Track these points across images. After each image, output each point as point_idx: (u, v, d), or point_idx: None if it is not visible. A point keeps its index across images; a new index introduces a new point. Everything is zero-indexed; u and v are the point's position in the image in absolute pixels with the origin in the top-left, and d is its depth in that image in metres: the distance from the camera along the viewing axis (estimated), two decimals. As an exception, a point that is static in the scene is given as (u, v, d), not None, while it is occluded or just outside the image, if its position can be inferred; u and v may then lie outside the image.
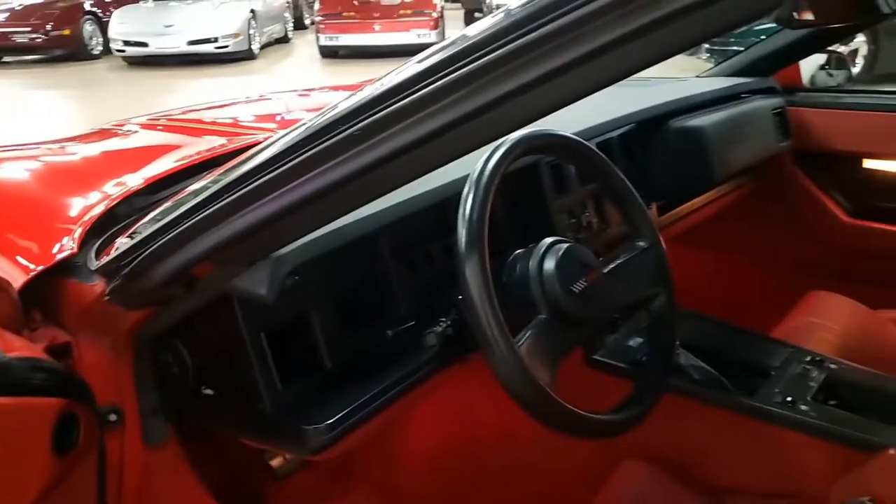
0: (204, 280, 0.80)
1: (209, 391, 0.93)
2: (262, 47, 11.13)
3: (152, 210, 0.85)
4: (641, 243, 1.06)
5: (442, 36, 10.80)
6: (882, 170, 1.82)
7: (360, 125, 0.62)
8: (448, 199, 1.08)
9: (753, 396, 1.17)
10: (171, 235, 0.75)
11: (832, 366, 1.23)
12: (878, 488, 1.05)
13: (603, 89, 0.57)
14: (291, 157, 0.66)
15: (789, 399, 1.14)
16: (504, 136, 0.76)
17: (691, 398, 1.21)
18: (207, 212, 0.71)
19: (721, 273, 2.07)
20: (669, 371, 1.05)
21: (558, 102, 0.58)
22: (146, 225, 0.81)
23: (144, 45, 9.93)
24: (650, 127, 1.47)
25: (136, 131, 1.54)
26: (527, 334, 0.84)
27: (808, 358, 1.26)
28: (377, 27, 10.64)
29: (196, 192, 0.77)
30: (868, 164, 1.83)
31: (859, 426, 1.09)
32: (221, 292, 0.82)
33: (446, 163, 0.66)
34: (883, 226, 1.82)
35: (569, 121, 1.18)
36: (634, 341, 1.33)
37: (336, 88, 2.12)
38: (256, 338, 0.86)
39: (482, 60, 0.56)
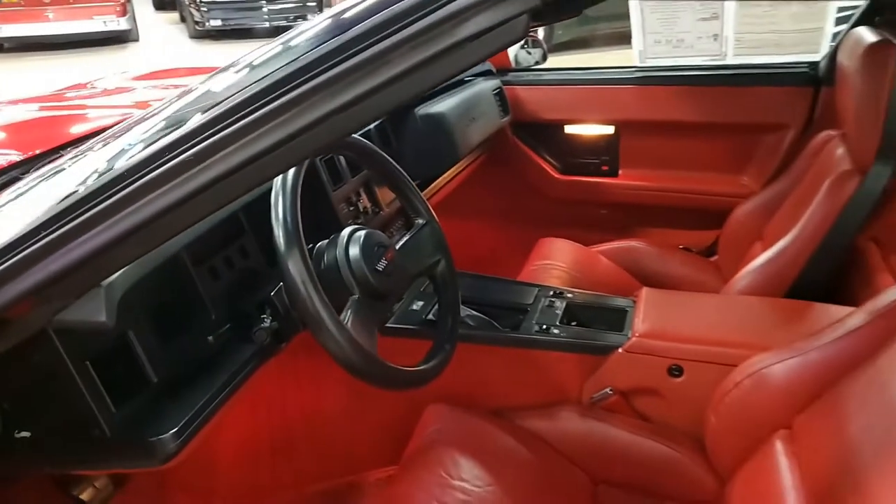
0: (21, 320, 0.78)
1: (25, 433, 0.90)
2: None
3: None
4: (420, 220, 1.23)
5: (132, 22, 9.73)
6: (578, 133, 2.25)
7: (193, 150, 0.67)
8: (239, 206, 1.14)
9: (517, 330, 1.43)
10: None
11: (569, 295, 1.55)
12: (615, 379, 1.38)
13: (401, 103, 0.70)
14: (126, 182, 0.68)
15: (544, 326, 1.43)
16: (322, 150, 0.84)
17: (470, 342, 1.43)
18: (37, 245, 0.70)
19: (470, 235, 2.37)
20: (459, 321, 1.24)
21: (373, 115, 0.70)
22: None
23: None
24: (399, 115, 1.65)
25: None
26: (348, 313, 0.96)
27: (551, 293, 1.56)
28: (50, 14, 9.13)
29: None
30: (568, 129, 2.25)
31: (595, 336, 1.40)
32: (40, 329, 0.80)
33: (269, 180, 0.74)
34: (584, 178, 2.26)
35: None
36: (417, 304, 1.52)
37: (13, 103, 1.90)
38: (82, 367, 0.86)
39: (313, 82, 0.65)
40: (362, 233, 1.06)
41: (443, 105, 1.69)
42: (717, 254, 2.04)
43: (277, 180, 0.95)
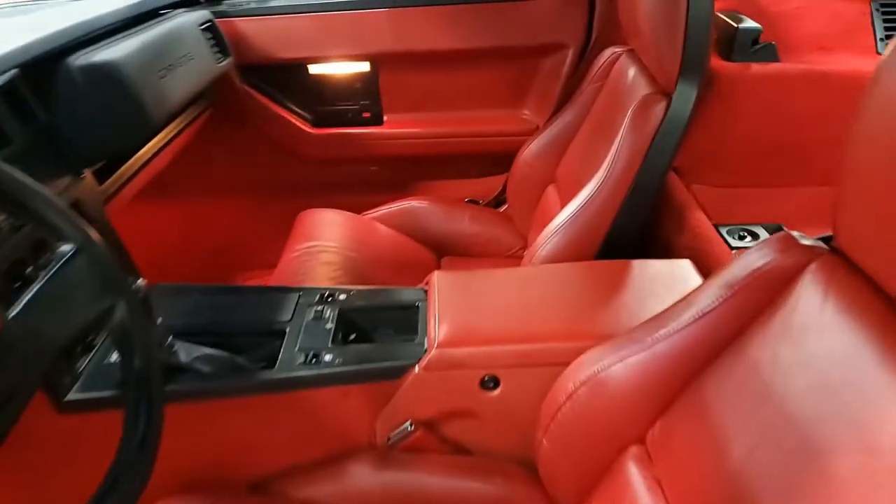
0: None
1: None
2: None
3: None
4: (66, 247, 0.73)
5: None
6: (327, 74, 1.80)
7: None
8: None
9: (276, 367, 1.01)
10: None
11: (341, 297, 1.15)
12: (415, 409, 1.02)
13: None
14: None
15: (313, 354, 1.02)
16: None
17: (209, 397, 0.98)
18: None
19: (205, 218, 1.85)
20: (160, 391, 0.78)
21: None
22: None
23: None
24: (43, 70, 1.07)
25: None
26: None
27: (317, 297, 1.15)
28: None
29: None
30: (313, 69, 1.78)
31: (382, 354, 1.03)
32: None
33: None
34: (343, 130, 1.83)
35: None
36: (117, 356, 1.02)
37: None
38: None
39: None
40: None
41: (114, 50, 1.13)
42: (507, 202, 1.76)
43: None
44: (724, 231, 1.30)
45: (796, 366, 0.70)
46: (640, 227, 1.24)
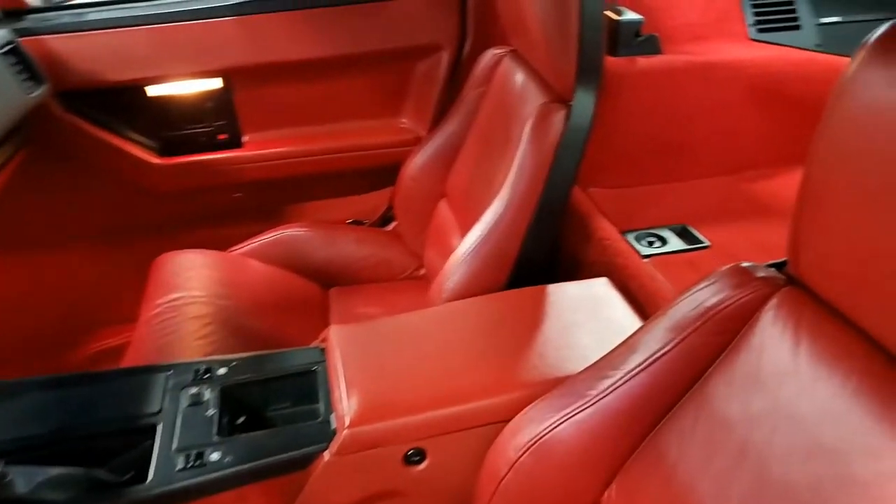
0: None
1: None
2: None
3: None
4: None
5: None
6: (170, 95, 1.55)
7: None
8: None
9: (149, 479, 0.81)
10: None
11: (221, 370, 0.96)
12: (328, 500, 0.87)
13: None
14: None
15: (196, 454, 0.83)
16: None
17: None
18: None
19: (46, 273, 1.56)
20: None
21: None
22: None
23: None
24: None
25: None
26: None
27: (192, 375, 0.95)
28: None
29: None
30: (152, 90, 1.53)
31: (282, 443, 0.86)
32: None
33: None
34: (197, 157, 1.60)
35: None
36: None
37: None
38: None
39: None
40: None
41: None
42: (396, 220, 1.62)
43: None
44: (630, 238, 1.23)
45: (775, 422, 0.62)
46: (549, 246, 1.15)
